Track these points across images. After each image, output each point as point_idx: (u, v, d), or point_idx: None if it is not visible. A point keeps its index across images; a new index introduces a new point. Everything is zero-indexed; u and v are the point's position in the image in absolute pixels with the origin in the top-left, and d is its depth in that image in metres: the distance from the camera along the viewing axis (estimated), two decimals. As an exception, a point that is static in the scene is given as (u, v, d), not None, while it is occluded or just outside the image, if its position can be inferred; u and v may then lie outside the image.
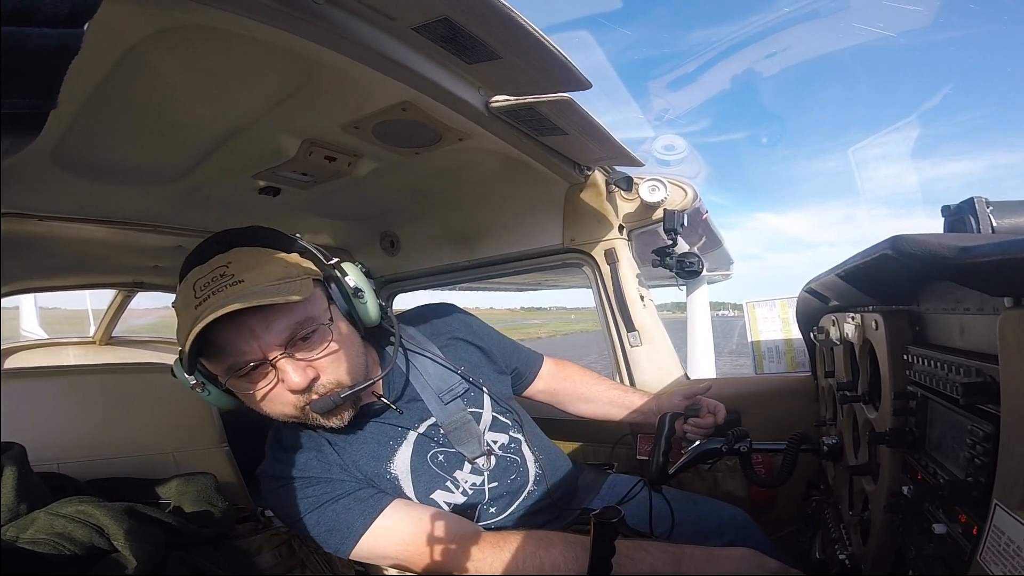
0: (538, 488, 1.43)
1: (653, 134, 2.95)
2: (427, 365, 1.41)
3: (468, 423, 1.36)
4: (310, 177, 1.89)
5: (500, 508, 1.37)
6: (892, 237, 0.74)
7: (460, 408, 1.38)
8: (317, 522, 1.19)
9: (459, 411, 1.38)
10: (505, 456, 1.41)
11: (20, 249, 2.50)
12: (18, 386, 1.65)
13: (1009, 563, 0.59)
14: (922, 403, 0.91)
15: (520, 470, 1.42)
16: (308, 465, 1.24)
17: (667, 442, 1.44)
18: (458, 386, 1.40)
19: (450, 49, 1.18)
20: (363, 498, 1.21)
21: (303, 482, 1.22)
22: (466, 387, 1.42)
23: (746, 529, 1.49)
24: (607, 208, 2.11)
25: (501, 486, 1.38)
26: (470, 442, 1.35)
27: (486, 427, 1.41)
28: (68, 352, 4.58)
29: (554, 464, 1.51)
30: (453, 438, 1.34)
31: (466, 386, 1.42)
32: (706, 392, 1.57)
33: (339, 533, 1.18)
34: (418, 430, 1.34)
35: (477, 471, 1.35)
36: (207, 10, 0.96)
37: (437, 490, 1.32)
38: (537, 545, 1.12)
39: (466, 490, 1.34)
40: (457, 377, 1.41)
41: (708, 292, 3.32)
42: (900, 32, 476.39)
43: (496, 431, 1.43)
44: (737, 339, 18.12)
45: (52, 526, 1.10)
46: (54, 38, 0.35)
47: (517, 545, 1.12)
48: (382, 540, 1.17)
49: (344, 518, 1.18)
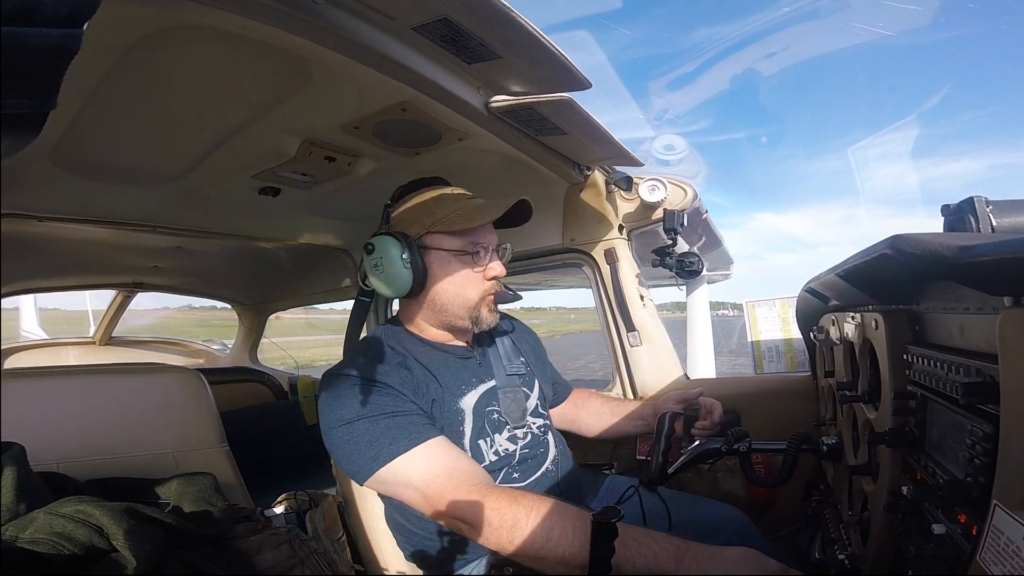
0: (553, 470, 1.54)
1: (653, 134, 2.94)
2: (504, 340, 1.65)
3: (520, 397, 1.55)
4: (310, 177, 1.89)
5: (521, 476, 1.47)
6: (892, 236, 0.74)
7: (516, 384, 1.56)
8: (365, 429, 1.25)
9: (515, 386, 1.56)
10: (536, 435, 1.54)
11: (20, 250, 2.50)
12: (18, 386, 1.65)
13: (1009, 563, 0.59)
14: (922, 403, 0.91)
15: (542, 451, 1.53)
16: (388, 375, 1.33)
17: (667, 442, 1.45)
18: (521, 368, 1.61)
19: (450, 49, 1.19)
20: (416, 423, 1.28)
21: (378, 387, 1.31)
22: (525, 372, 1.62)
23: (744, 530, 1.50)
24: (607, 208, 2.11)
25: (528, 457, 1.49)
26: (516, 412, 1.51)
27: (529, 409, 1.56)
28: (68, 352, 4.59)
29: (566, 459, 1.61)
30: (504, 405, 1.50)
31: (525, 372, 1.62)
32: (697, 398, 1.61)
33: (379, 446, 1.24)
34: (487, 384, 1.51)
35: (513, 440, 1.48)
36: (207, 10, 0.96)
37: (482, 440, 1.43)
38: (551, 509, 1.15)
39: (499, 451, 1.45)
40: (521, 361, 1.64)
41: (708, 292, 3.32)
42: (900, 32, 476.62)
43: (534, 416, 1.57)
44: (737, 339, 18.14)
45: (51, 526, 1.09)
46: (54, 38, 0.35)
47: (532, 504, 1.15)
48: (415, 466, 1.22)
49: (392, 433, 1.24)
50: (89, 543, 1.09)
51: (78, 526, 1.11)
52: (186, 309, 47.69)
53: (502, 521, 1.13)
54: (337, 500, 1.86)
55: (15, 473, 1.18)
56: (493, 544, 1.15)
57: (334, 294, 3.72)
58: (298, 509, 1.87)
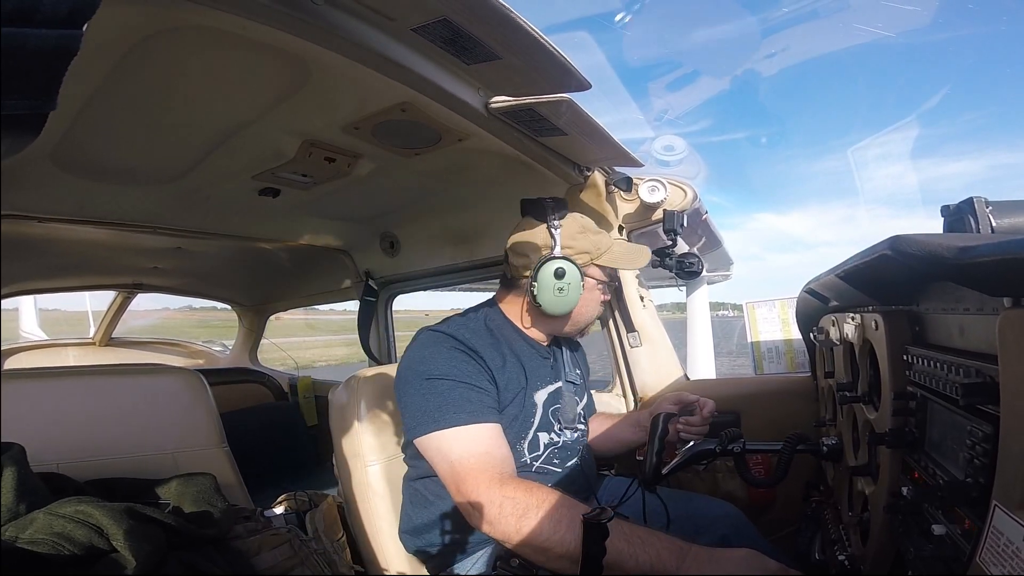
0: (579, 464, 1.65)
1: (653, 134, 2.94)
2: (566, 352, 1.77)
3: (574, 402, 1.69)
4: (310, 178, 1.89)
5: (560, 463, 1.59)
6: (891, 237, 0.74)
7: (572, 390, 1.71)
8: (440, 391, 1.35)
9: (572, 392, 1.70)
10: (581, 437, 1.69)
11: (20, 250, 2.50)
12: (18, 387, 1.65)
13: (1008, 564, 0.59)
14: (922, 403, 0.91)
15: (579, 450, 1.67)
16: (481, 346, 1.46)
17: (660, 442, 1.46)
18: (577, 379, 1.75)
19: (449, 50, 1.18)
20: (486, 402, 1.39)
21: (465, 351, 1.43)
22: (579, 383, 1.77)
23: (739, 525, 1.54)
24: (607, 209, 2.11)
25: (569, 454, 1.62)
26: (571, 414, 1.65)
27: (579, 415, 1.71)
28: (68, 353, 4.59)
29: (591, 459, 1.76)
30: (564, 404, 1.64)
31: (580, 383, 1.77)
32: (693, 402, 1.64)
33: (442, 410, 1.33)
34: (555, 384, 1.64)
35: (562, 435, 1.61)
36: (206, 11, 0.96)
37: (543, 432, 1.56)
38: (561, 503, 1.19)
39: (550, 442, 1.57)
40: (578, 372, 1.78)
41: (708, 292, 3.32)
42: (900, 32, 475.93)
43: (581, 422, 1.71)
44: (737, 339, 18.13)
45: (51, 526, 1.09)
46: (53, 39, 0.35)
47: (544, 497, 1.20)
48: (458, 442, 1.31)
49: (460, 404, 1.34)
50: (89, 543, 1.09)
51: (78, 526, 1.11)
52: (186, 310, 47.71)
53: (513, 509, 1.18)
54: (337, 501, 1.86)
55: (15, 473, 1.18)
56: (499, 533, 1.19)
57: (334, 295, 3.72)
58: (298, 509, 1.87)
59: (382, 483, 1.60)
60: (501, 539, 1.20)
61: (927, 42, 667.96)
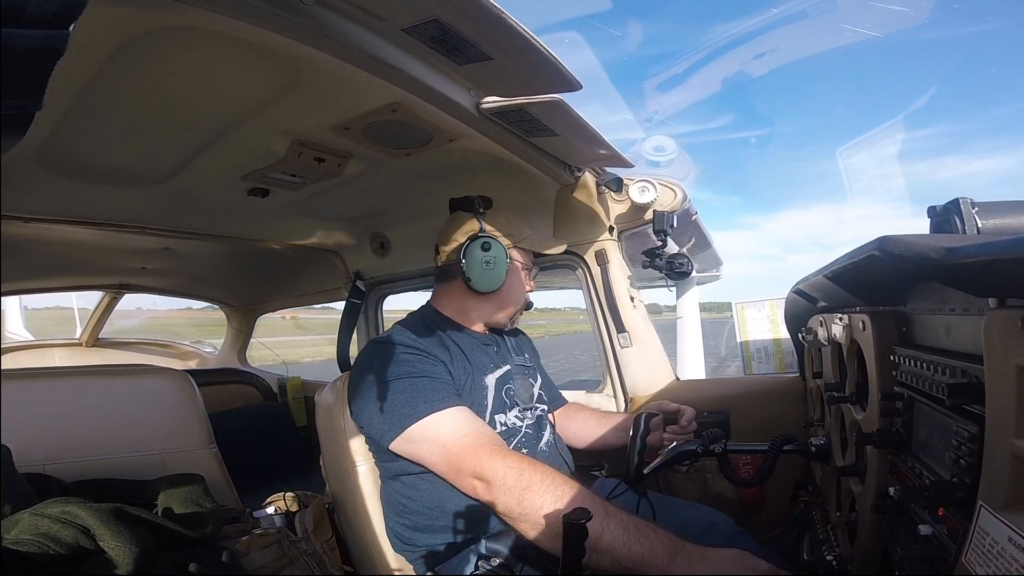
0: (547, 451, 1.68)
1: (643, 135, 2.95)
2: (509, 339, 1.86)
3: (528, 381, 1.79)
4: (300, 178, 1.88)
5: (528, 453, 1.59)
6: (879, 238, 0.75)
7: (524, 372, 1.79)
8: (404, 388, 1.40)
9: (523, 374, 1.78)
10: (540, 418, 1.73)
11: (5, 250, 2.48)
12: (4, 387, 1.63)
13: (993, 564, 0.59)
14: (908, 404, 0.92)
15: (541, 433, 1.70)
16: (427, 344, 1.52)
17: (642, 442, 1.48)
18: (526, 362, 1.84)
19: (440, 50, 1.18)
20: (449, 389, 1.44)
21: (414, 351, 1.48)
22: (530, 367, 1.85)
23: (731, 535, 1.51)
24: (598, 209, 2.11)
25: (531, 432, 1.65)
26: (525, 395, 1.73)
27: (535, 395, 1.79)
28: (55, 354, 4.55)
29: (559, 443, 1.78)
30: (516, 386, 1.70)
31: (530, 366, 1.85)
32: (676, 412, 1.70)
33: (412, 404, 1.37)
34: (503, 367, 1.70)
35: (521, 418, 1.65)
36: (194, 11, 0.95)
37: (499, 413, 1.60)
38: (564, 481, 1.24)
39: (508, 425, 1.61)
40: (525, 356, 1.86)
41: (698, 293, 3.33)
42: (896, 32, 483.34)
43: (539, 401, 1.78)
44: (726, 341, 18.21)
45: (37, 527, 1.08)
46: (40, 39, 0.35)
47: (548, 472, 1.25)
48: (444, 424, 1.36)
49: (428, 394, 1.39)
50: (75, 544, 1.09)
51: (64, 527, 1.10)
52: (174, 311, 47.37)
53: (518, 480, 1.22)
54: (326, 502, 1.85)
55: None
56: (502, 504, 1.23)
57: (323, 295, 3.70)
58: (287, 510, 1.86)
59: (369, 484, 1.60)
60: (503, 511, 1.24)
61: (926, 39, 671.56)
